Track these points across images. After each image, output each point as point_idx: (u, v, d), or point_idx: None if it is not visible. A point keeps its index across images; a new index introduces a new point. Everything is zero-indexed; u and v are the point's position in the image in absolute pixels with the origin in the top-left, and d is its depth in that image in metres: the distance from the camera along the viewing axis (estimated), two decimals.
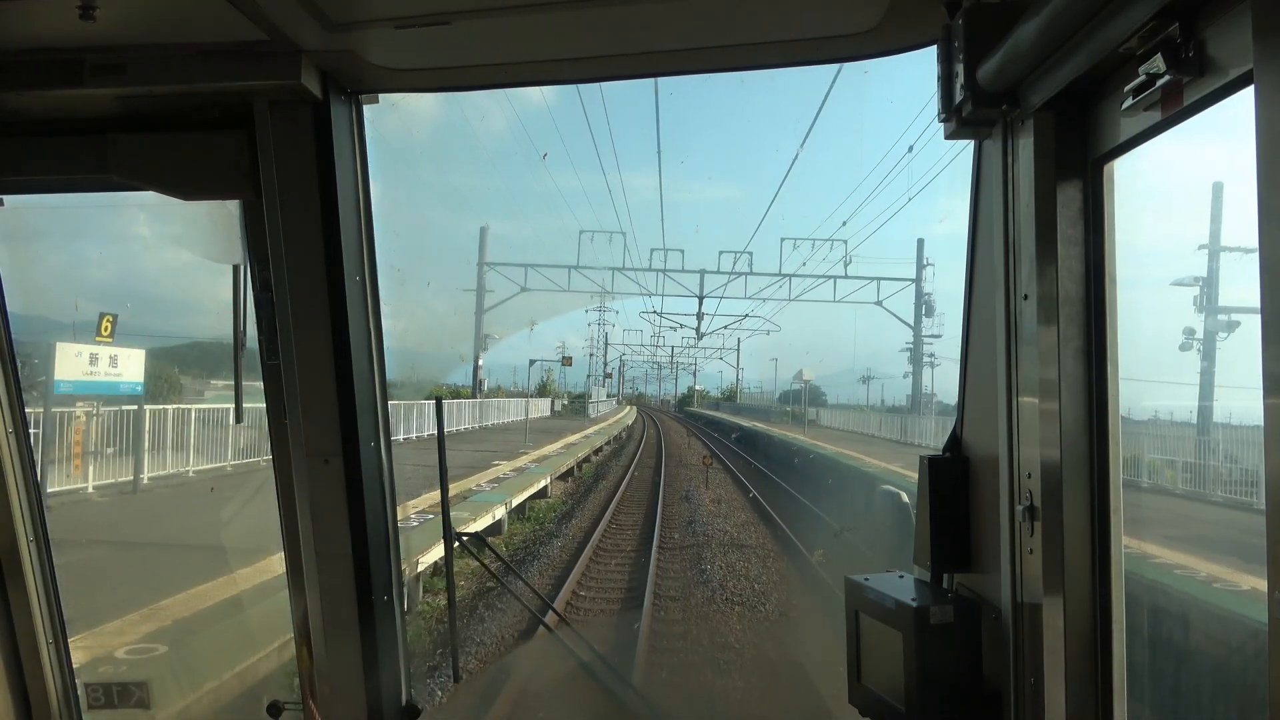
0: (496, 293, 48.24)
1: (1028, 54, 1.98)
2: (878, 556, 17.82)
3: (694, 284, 49.86)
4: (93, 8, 2.34)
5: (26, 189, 3.13)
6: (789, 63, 2.81)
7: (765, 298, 52.25)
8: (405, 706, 3.26)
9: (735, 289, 50.06)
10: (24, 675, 3.32)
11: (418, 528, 15.94)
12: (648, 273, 48.81)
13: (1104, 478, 2.16)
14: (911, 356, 50.11)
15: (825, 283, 47.16)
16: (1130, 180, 2.07)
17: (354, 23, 2.58)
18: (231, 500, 18.08)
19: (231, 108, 2.85)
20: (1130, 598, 2.15)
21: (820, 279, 47.35)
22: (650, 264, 48.97)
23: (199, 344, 29.17)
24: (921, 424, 42.90)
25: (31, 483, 3.30)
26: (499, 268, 48.38)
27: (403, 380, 32.07)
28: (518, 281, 47.80)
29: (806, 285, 48.43)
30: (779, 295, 50.84)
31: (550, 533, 22.82)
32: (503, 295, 48.11)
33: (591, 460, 42.06)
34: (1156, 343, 19.13)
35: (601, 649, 6.09)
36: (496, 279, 48.27)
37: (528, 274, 47.94)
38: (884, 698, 2.50)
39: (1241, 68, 1.57)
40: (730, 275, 48.77)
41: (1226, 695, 8.80)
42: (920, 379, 50.63)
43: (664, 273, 48.81)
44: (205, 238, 3.22)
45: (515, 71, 2.94)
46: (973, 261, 2.54)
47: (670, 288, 50.98)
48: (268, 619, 9.50)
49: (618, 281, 48.79)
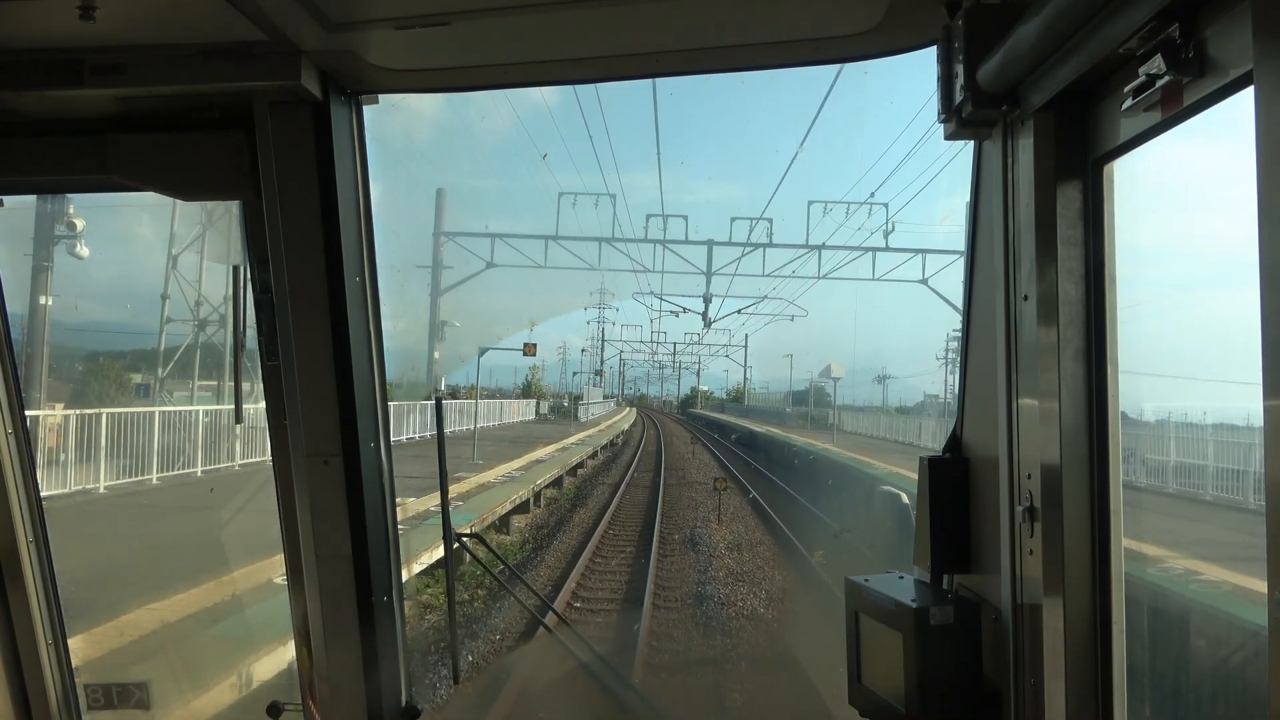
0: (457, 269, 38.99)
1: (1028, 54, 1.98)
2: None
3: (700, 258, 40.41)
4: (93, 8, 2.34)
5: (26, 189, 3.14)
6: (789, 63, 2.81)
7: (789, 275, 42.56)
8: (405, 707, 3.26)
9: (751, 265, 41.53)
10: (23, 676, 3.32)
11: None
12: (643, 244, 39.56)
13: (1104, 478, 2.16)
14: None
15: (860, 258, 37.69)
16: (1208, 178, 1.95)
17: (354, 23, 2.58)
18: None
19: (231, 108, 2.85)
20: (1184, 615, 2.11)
21: (858, 251, 37.61)
22: (646, 233, 39.31)
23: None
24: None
25: (31, 484, 3.30)
26: (459, 239, 38.74)
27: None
28: (483, 256, 38.12)
29: (839, 260, 38.96)
30: (805, 272, 41.35)
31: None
32: (465, 272, 38.85)
33: (564, 484, 31.28)
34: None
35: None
36: (458, 254, 38.78)
37: (494, 246, 38.20)
38: (884, 698, 2.49)
39: (1241, 68, 1.57)
40: (745, 247, 39.79)
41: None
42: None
43: (663, 244, 39.40)
44: (205, 238, 3.23)
45: (515, 72, 2.94)
46: (973, 262, 2.54)
47: (672, 263, 40.59)
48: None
49: (607, 256, 39.57)
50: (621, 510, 26.34)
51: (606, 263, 39.93)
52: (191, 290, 29.56)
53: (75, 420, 18.02)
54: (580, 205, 38.63)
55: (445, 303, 37.92)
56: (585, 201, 38.88)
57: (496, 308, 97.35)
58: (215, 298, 29.14)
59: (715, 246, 39.82)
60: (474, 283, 38.63)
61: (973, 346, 2.56)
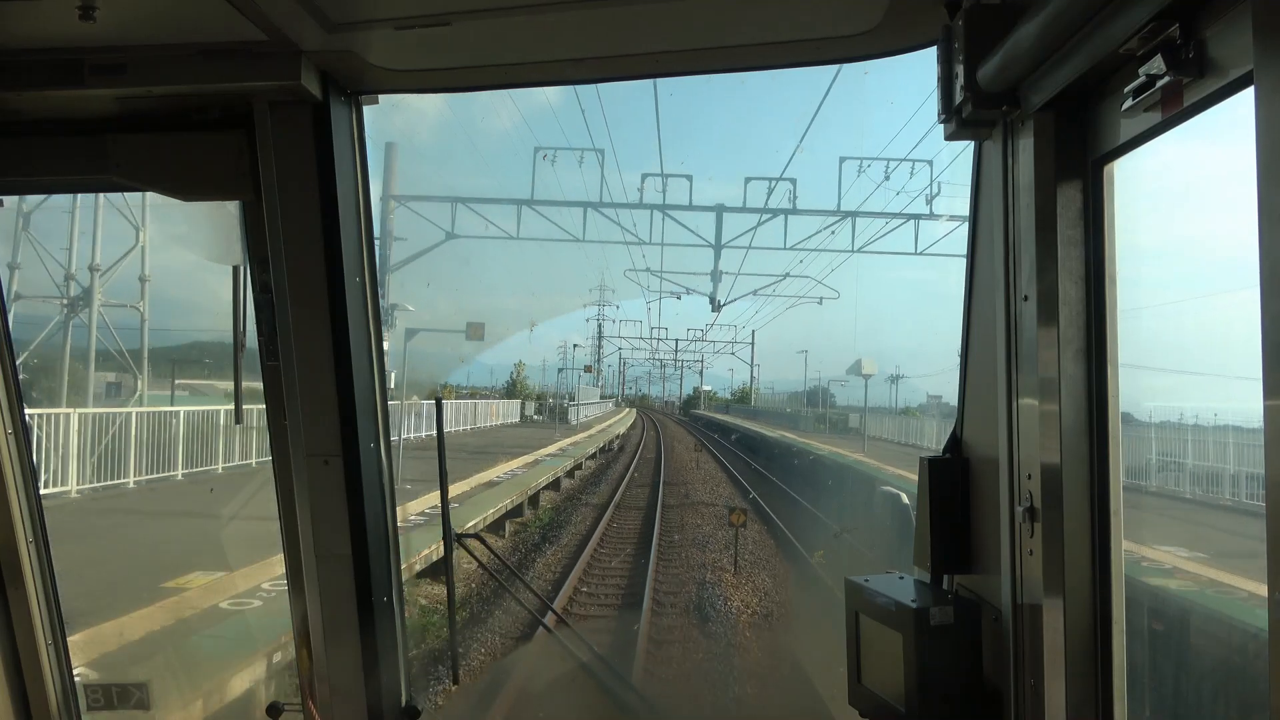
0: (411, 242, 31.55)
1: (1028, 54, 1.98)
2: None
3: (707, 228, 32.89)
4: (93, 8, 2.34)
5: (26, 189, 3.15)
6: (789, 63, 2.81)
7: (816, 249, 34.39)
8: (405, 707, 3.26)
9: (769, 237, 34.87)
10: (23, 676, 3.32)
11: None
12: (638, 209, 32.10)
13: (1104, 479, 2.16)
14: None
15: (902, 226, 30.55)
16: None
17: (354, 23, 2.59)
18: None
19: (231, 108, 2.85)
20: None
21: (898, 219, 30.38)
22: (642, 197, 31.78)
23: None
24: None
25: (31, 484, 3.30)
26: (411, 203, 31.07)
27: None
28: (442, 226, 30.92)
29: (874, 231, 31.58)
30: (836, 246, 33.35)
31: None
32: (420, 245, 31.23)
33: (522, 515, 23.23)
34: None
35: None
36: (414, 223, 31.55)
37: (456, 212, 31.09)
38: (884, 699, 2.49)
39: (1241, 68, 1.57)
40: (762, 214, 31.98)
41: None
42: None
43: (662, 210, 32.05)
44: (205, 238, 3.23)
45: (515, 72, 2.94)
46: (973, 262, 2.54)
47: (673, 234, 33.42)
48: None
49: (593, 224, 32.36)
50: (595, 567, 18.00)
51: (594, 234, 33.11)
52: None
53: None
54: (563, 165, 31.35)
55: (395, 282, 30.28)
56: (568, 160, 31.10)
57: (465, 290, 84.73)
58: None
59: (726, 213, 32.52)
60: (434, 259, 31.56)
61: (973, 346, 2.56)
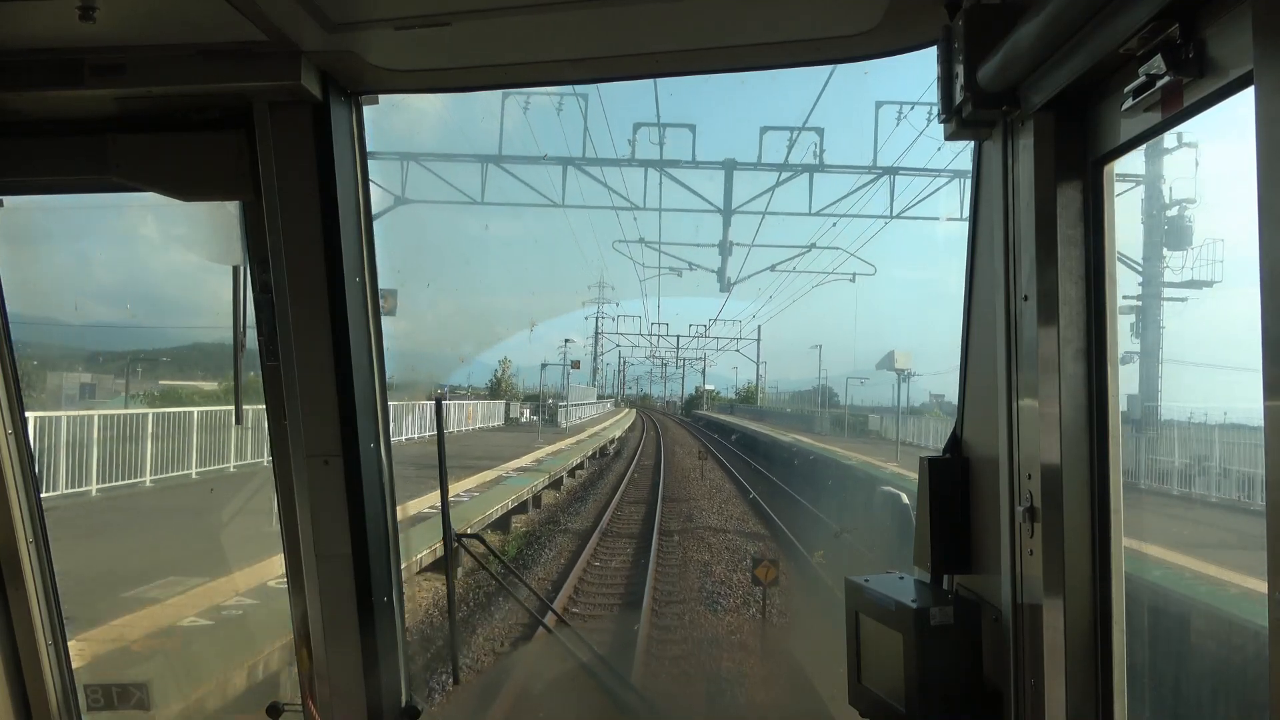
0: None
1: (1028, 55, 1.98)
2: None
3: (714, 190, 26.33)
4: (93, 8, 2.34)
5: (26, 189, 3.14)
6: (789, 63, 2.82)
7: (845, 214, 28.15)
8: (405, 707, 3.26)
9: (790, 200, 29.04)
10: (24, 676, 3.32)
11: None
12: (630, 166, 25.62)
13: (1104, 479, 2.16)
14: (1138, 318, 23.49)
15: (949, 184, 24.85)
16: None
17: (354, 23, 2.59)
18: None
19: (231, 108, 2.85)
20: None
21: (945, 175, 24.73)
22: (634, 153, 25.31)
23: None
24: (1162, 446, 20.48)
25: (31, 485, 3.30)
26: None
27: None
28: (392, 190, 25.57)
29: (912, 194, 25.57)
30: (870, 210, 27.76)
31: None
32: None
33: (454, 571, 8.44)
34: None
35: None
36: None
37: (407, 171, 25.65)
38: (884, 699, 2.49)
39: (1241, 68, 1.57)
40: (781, 170, 25.72)
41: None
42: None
43: (659, 168, 25.71)
44: (205, 239, 3.23)
45: (515, 72, 2.94)
46: (973, 262, 2.54)
47: (672, 197, 26.90)
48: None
49: (574, 186, 25.63)
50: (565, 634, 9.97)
51: (574, 198, 26.74)
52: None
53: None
54: (536, 113, 24.96)
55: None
56: (545, 107, 24.66)
57: (440, 280, 71.54)
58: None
59: (737, 170, 26.59)
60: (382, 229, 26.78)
61: (973, 346, 2.56)
